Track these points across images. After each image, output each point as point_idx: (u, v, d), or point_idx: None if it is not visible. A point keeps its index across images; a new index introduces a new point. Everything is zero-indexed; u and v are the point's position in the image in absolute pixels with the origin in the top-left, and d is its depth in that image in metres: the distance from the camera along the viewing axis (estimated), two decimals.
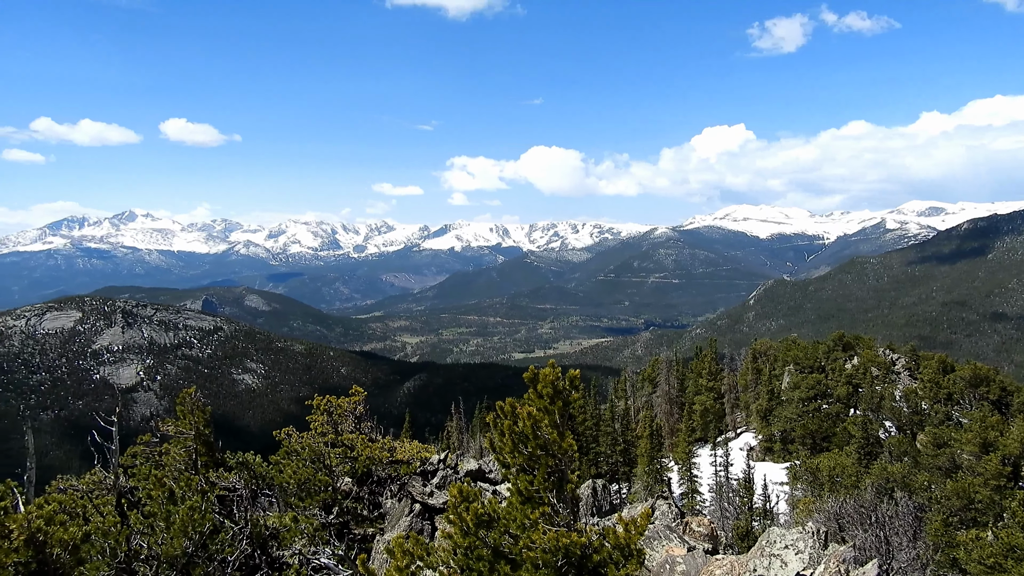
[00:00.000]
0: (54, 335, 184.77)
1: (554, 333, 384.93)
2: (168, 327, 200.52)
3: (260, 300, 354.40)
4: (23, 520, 6.55)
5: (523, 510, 7.24)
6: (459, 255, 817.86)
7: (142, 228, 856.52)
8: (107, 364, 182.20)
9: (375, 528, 13.36)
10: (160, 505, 9.90)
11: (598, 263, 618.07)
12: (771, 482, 35.13)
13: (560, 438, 7.01)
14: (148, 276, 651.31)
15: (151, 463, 13.27)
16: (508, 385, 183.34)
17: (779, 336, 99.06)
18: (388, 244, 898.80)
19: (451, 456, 14.33)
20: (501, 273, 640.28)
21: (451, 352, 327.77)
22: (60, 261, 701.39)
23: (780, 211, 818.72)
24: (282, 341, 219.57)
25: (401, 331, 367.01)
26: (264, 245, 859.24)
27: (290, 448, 13.86)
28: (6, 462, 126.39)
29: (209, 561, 10.21)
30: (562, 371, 7.33)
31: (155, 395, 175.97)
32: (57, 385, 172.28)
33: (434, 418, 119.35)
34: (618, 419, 52.57)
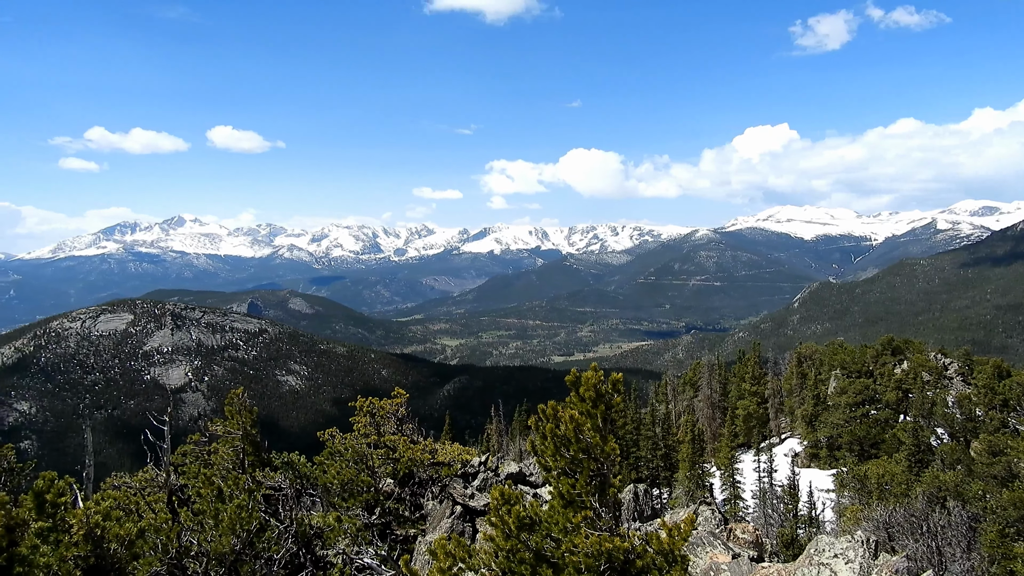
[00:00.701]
0: (107, 337, 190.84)
1: (593, 336, 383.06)
2: (215, 329, 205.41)
3: (303, 303, 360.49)
4: (82, 515, 6.79)
5: (565, 514, 7.22)
6: (498, 258, 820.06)
7: (190, 233, 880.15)
8: (157, 365, 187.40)
9: (416, 529, 13.47)
10: (209, 503, 10.13)
11: (638, 266, 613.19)
12: (817, 489, 34.37)
13: (603, 442, 6.97)
14: (196, 280, 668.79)
15: (200, 462, 13.60)
16: (547, 388, 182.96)
17: (824, 340, 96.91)
18: (428, 248, 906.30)
19: (492, 459, 14.36)
20: (540, 276, 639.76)
21: (490, 355, 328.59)
22: (113, 265, 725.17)
23: (825, 212, 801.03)
24: (324, 343, 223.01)
25: (441, 334, 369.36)
26: (307, 249, 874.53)
27: (334, 449, 14.06)
28: (63, 459, 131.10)
29: (256, 559, 10.41)
30: (604, 374, 7.29)
31: (203, 395, 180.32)
32: (110, 385, 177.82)
33: (474, 420, 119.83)
34: (659, 423, 52.02)
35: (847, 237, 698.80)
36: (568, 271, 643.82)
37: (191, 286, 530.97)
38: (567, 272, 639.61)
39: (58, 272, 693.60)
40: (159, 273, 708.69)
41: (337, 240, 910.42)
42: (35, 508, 6.59)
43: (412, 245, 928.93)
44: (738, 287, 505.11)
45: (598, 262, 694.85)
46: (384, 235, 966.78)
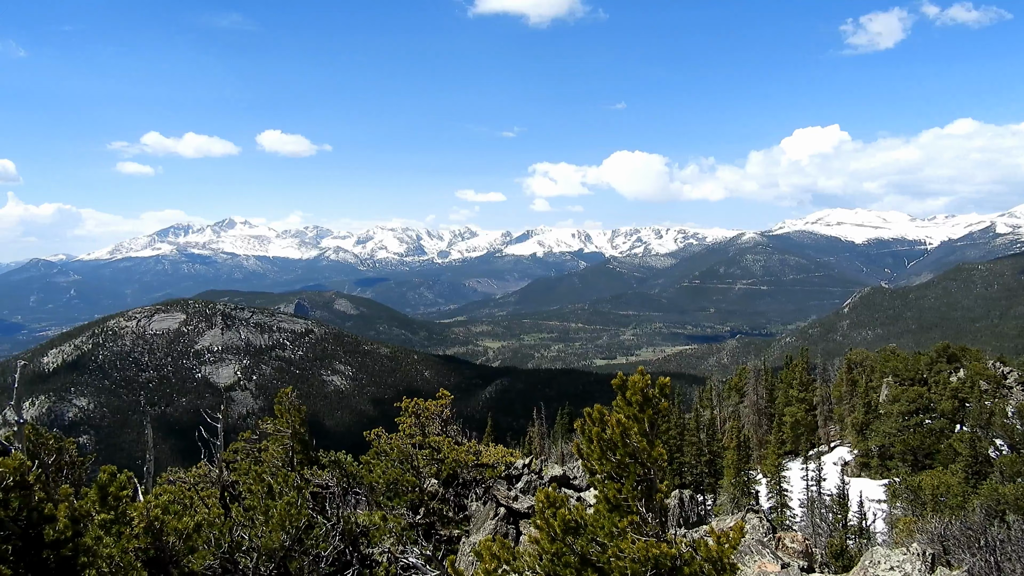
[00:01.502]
0: (161, 335, 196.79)
1: (636, 340, 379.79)
2: (263, 329, 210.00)
3: (348, 304, 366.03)
4: (143, 509, 7.03)
5: (611, 518, 7.18)
6: (541, 261, 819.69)
7: (240, 235, 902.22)
8: (208, 364, 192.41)
9: (460, 530, 13.55)
10: (259, 499, 10.37)
11: (682, 269, 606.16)
12: (867, 499, 33.42)
13: (650, 447, 6.91)
14: (245, 280, 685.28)
15: (251, 459, 13.93)
16: (590, 391, 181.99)
17: (876, 346, 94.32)
18: (471, 250, 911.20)
19: (535, 461, 14.37)
20: (583, 279, 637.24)
21: (532, 357, 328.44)
22: (167, 266, 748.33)
23: (877, 215, 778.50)
24: (369, 344, 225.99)
25: (483, 336, 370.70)
26: (353, 251, 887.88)
27: (379, 448, 14.24)
28: (119, 453, 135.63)
29: (304, 555, 10.61)
30: (652, 378, 7.24)
31: (251, 394, 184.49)
32: (163, 383, 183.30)
33: (516, 423, 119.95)
34: (703, 429, 51.31)
35: (900, 241, 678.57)
36: (611, 274, 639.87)
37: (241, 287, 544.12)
38: (610, 275, 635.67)
39: (115, 273, 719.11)
40: (210, 274, 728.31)
41: (382, 242, 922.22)
42: (98, 501, 6.86)
43: (455, 247, 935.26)
44: (785, 291, 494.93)
45: (641, 265, 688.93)
46: (428, 237, 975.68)
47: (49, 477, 9.58)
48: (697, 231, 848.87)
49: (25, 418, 8.42)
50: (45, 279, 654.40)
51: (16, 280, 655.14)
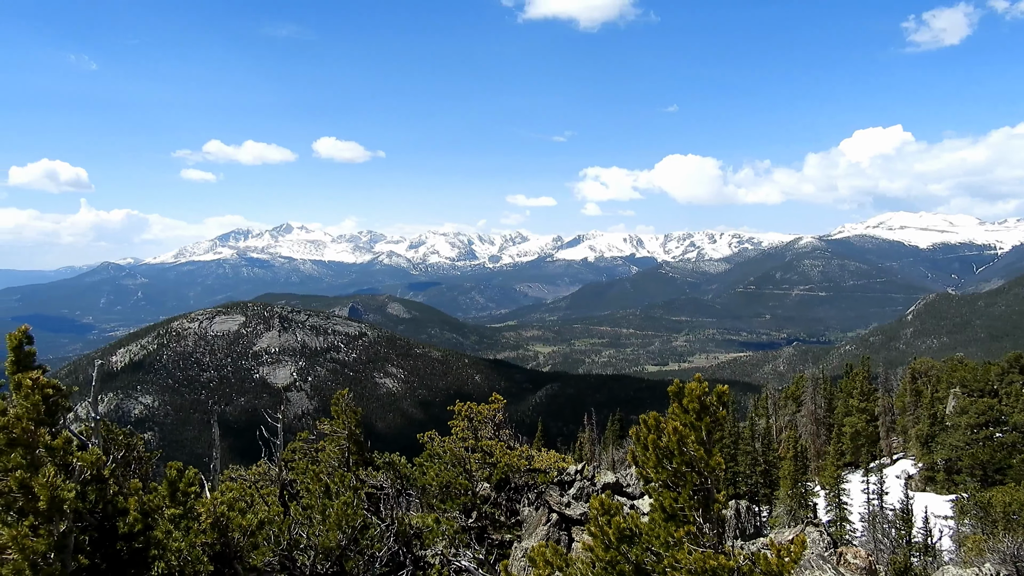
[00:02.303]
0: (221, 337, 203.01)
1: (689, 346, 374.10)
2: (319, 332, 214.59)
3: (401, 308, 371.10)
4: (210, 505, 7.28)
5: (667, 527, 7.09)
6: (592, 265, 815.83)
7: (297, 239, 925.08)
8: (265, 365, 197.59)
9: (512, 535, 13.57)
10: (317, 499, 10.59)
11: (737, 274, 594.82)
12: (933, 515, 32.10)
13: (707, 455, 6.81)
14: (302, 284, 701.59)
15: (308, 459, 14.23)
16: (641, 398, 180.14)
17: (941, 355, 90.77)
18: (522, 254, 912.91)
19: (587, 467, 14.30)
20: (634, 284, 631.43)
21: (583, 363, 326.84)
22: (228, 270, 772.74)
23: (943, 218, 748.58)
24: (420, 348, 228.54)
25: (534, 340, 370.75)
26: (405, 255, 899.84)
27: (432, 451, 14.38)
28: (181, 450, 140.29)
29: (360, 555, 10.80)
30: (709, 386, 7.13)
31: (306, 395, 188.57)
32: (223, 382, 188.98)
33: (566, 428, 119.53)
34: (759, 438, 50.15)
35: (968, 245, 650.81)
36: (663, 279, 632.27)
37: (297, 290, 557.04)
38: (662, 280, 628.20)
39: (180, 276, 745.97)
40: (269, 277, 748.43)
41: (434, 247, 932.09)
42: (168, 496, 7.13)
43: (506, 252, 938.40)
44: (845, 297, 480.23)
45: (695, 270, 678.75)
46: (479, 242, 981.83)
47: (119, 472, 10.00)
48: (752, 235, 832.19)
49: (100, 414, 8.81)
50: (115, 282, 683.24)
51: (88, 283, 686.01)
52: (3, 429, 5.68)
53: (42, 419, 5.94)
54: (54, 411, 6.18)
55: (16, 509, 5.66)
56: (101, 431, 8.30)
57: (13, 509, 5.66)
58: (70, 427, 6.71)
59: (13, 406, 6.01)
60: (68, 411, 6.60)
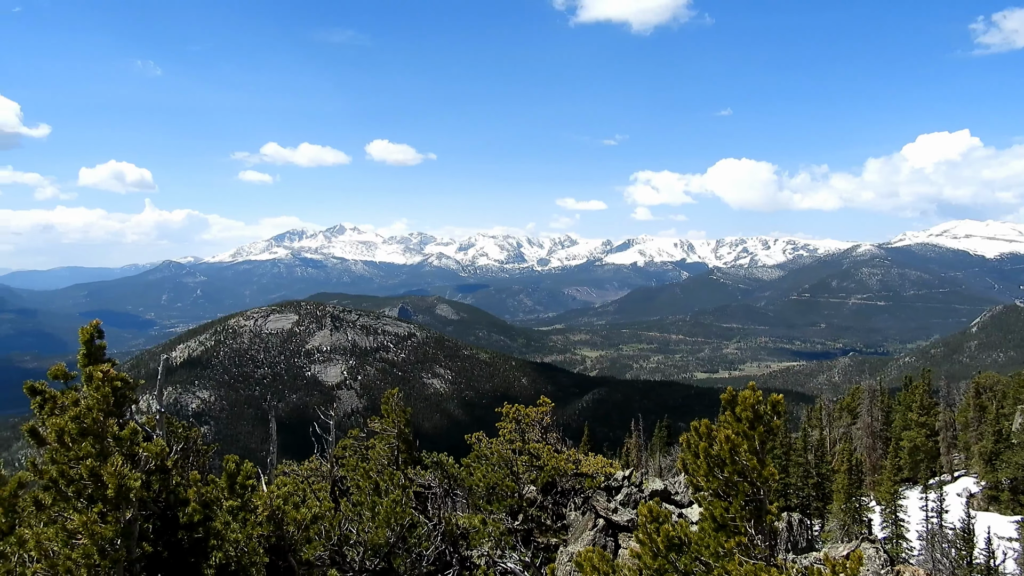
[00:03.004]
0: (275, 335, 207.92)
1: (740, 354, 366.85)
2: (369, 332, 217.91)
3: (449, 309, 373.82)
4: (266, 498, 7.49)
5: (717, 537, 7.00)
6: (641, 270, 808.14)
7: (349, 240, 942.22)
8: (317, 363, 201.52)
9: (558, 539, 13.54)
10: (367, 496, 10.77)
11: (791, 281, 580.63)
12: (996, 536, 30.74)
13: (760, 465, 6.70)
14: (353, 284, 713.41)
15: (358, 456, 14.48)
16: (689, 405, 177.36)
17: (1008, 370, 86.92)
18: (571, 258, 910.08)
19: (635, 474, 14.17)
20: (685, 289, 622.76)
21: (630, 368, 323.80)
22: (282, 269, 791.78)
23: (1012, 227, 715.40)
24: (468, 349, 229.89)
25: (581, 344, 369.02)
26: (455, 257, 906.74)
27: (480, 452, 14.46)
28: (235, 444, 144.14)
29: (407, 553, 10.93)
30: (763, 394, 7.01)
31: (355, 393, 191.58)
32: (276, 379, 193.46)
33: (612, 433, 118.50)
34: (811, 449, 48.82)
35: None
36: (714, 285, 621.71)
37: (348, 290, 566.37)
38: (713, 286, 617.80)
39: (237, 275, 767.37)
40: (321, 277, 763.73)
41: (483, 249, 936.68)
42: (227, 488, 7.37)
43: (555, 255, 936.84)
44: (905, 307, 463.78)
45: (747, 277, 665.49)
46: (528, 245, 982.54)
47: (181, 463, 10.35)
48: (808, 242, 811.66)
49: (165, 407, 9.16)
50: (175, 279, 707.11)
51: (151, 280, 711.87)
52: (75, 419, 5.95)
53: (111, 410, 6.21)
54: (122, 403, 6.45)
55: (86, 496, 5.93)
56: (165, 423, 8.63)
57: (83, 496, 5.93)
58: (136, 418, 6.99)
59: (84, 397, 6.29)
60: (134, 403, 6.88)
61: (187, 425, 14.63)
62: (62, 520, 5.93)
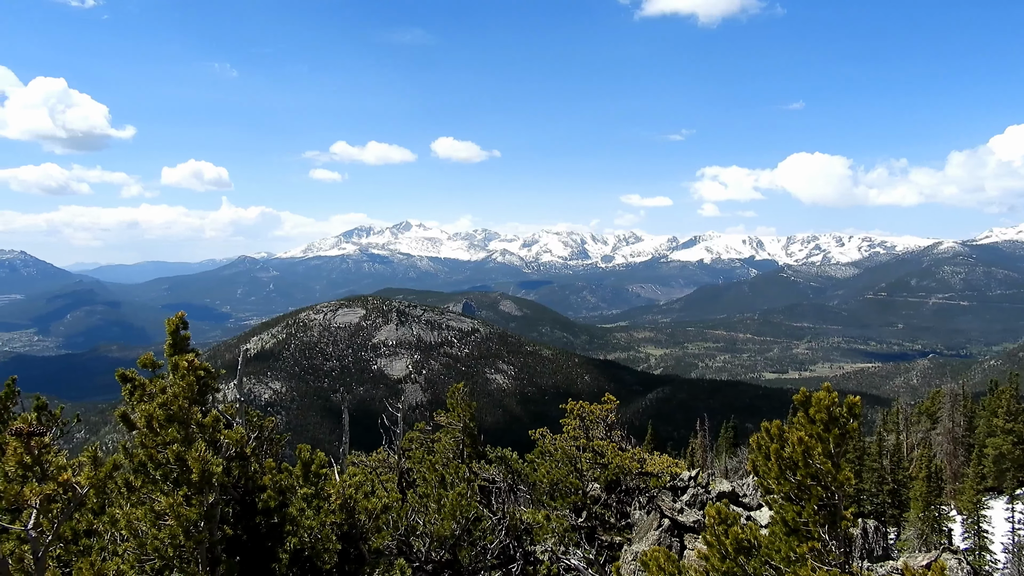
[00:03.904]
0: (343, 328, 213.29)
1: (811, 354, 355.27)
2: (433, 327, 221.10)
3: (513, 305, 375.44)
4: (339, 487, 7.73)
5: (788, 542, 6.83)
6: (708, 267, 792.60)
7: (415, 237, 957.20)
8: (383, 356, 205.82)
9: (622, 537, 13.46)
10: (433, 488, 10.96)
11: (866, 280, 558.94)
12: None
13: (835, 469, 6.50)
14: (418, 280, 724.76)
15: (425, 449, 14.74)
16: (756, 405, 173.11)
17: None
18: (635, 255, 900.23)
19: (702, 475, 13.96)
20: (753, 287, 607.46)
21: (696, 367, 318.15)
22: (351, 265, 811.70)
23: None
24: (531, 345, 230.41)
25: (645, 342, 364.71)
26: (518, 254, 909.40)
27: (544, 448, 14.50)
28: (304, 434, 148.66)
29: (472, 546, 11.07)
30: (839, 396, 6.80)
31: (420, 387, 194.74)
32: (344, 372, 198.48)
33: (676, 433, 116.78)
34: (887, 454, 46.94)
35: None
36: (784, 283, 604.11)
37: (414, 286, 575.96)
38: (783, 284, 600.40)
39: (307, 270, 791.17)
40: (388, 273, 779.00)
41: (547, 246, 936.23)
42: (302, 476, 7.64)
43: (619, 252, 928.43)
44: (991, 308, 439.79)
45: (819, 274, 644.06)
46: (592, 241, 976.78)
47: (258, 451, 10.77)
48: (885, 239, 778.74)
49: (244, 397, 9.55)
50: (250, 274, 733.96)
51: (226, 275, 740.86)
52: (163, 406, 6.28)
53: (195, 398, 6.52)
54: (204, 391, 6.77)
55: (172, 479, 6.24)
56: (244, 412, 9.00)
57: (170, 479, 6.25)
58: (217, 407, 7.31)
59: (171, 385, 6.63)
60: (216, 392, 7.20)
61: (261, 415, 15.18)
62: (150, 502, 6.26)
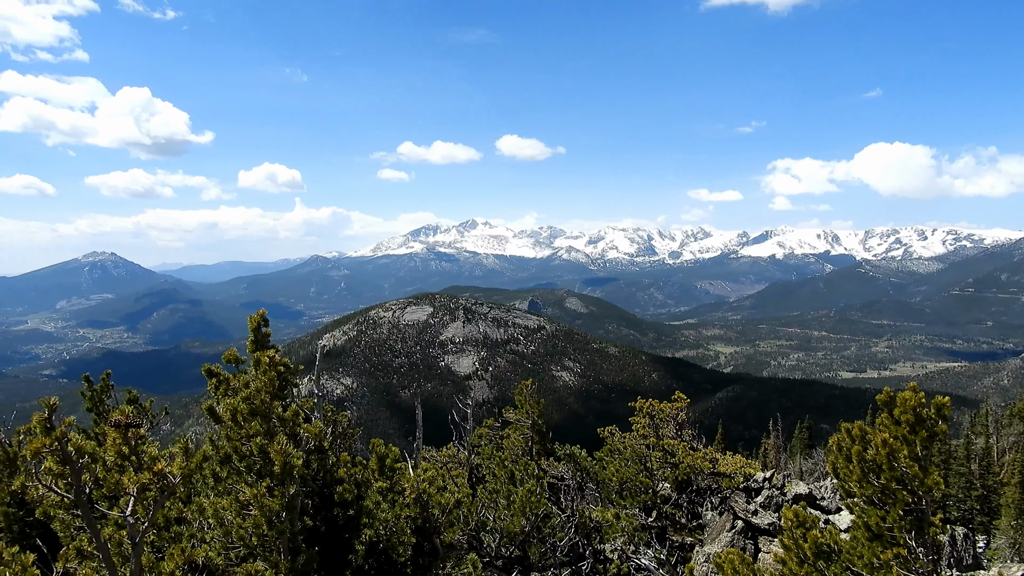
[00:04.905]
0: (411, 326, 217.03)
1: (891, 353, 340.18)
2: (499, 324, 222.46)
3: (578, 303, 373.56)
4: (413, 481, 7.90)
5: (871, 547, 6.58)
6: (780, 263, 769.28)
7: (481, 235, 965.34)
8: (450, 353, 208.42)
9: (693, 538, 13.24)
10: (502, 484, 11.04)
11: (952, 275, 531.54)
12: None
13: (923, 473, 6.22)
14: (484, 278, 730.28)
15: (494, 445, 14.85)
16: (832, 405, 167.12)
17: None
18: (704, 251, 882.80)
19: (777, 476, 13.59)
20: (828, 283, 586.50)
21: (768, 365, 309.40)
22: (418, 263, 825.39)
23: None
24: (597, 343, 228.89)
25: (714, 340, 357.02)
26: (584, 251, 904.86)
27: (613, 446, 14.40)
28: (375, 429, 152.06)
29: (541, 543, 11.11)
30: (927, 397, 6.50)
31: (487, 384, 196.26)
32: (412, 368, 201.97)
33: (747, 433, 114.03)
34: (975, 459, 44.59)
35: None
36: (862, 279, 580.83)
37: (480, 284, 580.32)
38: (861, 280, 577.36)
39: (376, 268, 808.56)
40: (454, 271, 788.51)
41: (612, 242, 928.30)
42: (377, 470, 7.84)
43: (687, 248, 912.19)
44: None
45: (900, 270, 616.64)
46: (659, 238, 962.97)
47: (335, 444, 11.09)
48: (972, 232, 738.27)
49: (320, 392, 9.85)
50: (322, 273, 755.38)
51: (300, 274, 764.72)
52: (247, 400, 6.54)
53: (276, 393, 6.77)
54: (284, 387, 7.01)
55: (255, 471, 6.50)
56: (320, 407, 9.29)
57: (253, 471, 6.51)
58: (296, 401, 7.57)
59: (253, 380, 6.90)
60: (295, 387, 7.45)
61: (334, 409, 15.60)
62: (235, 492, 6.53)
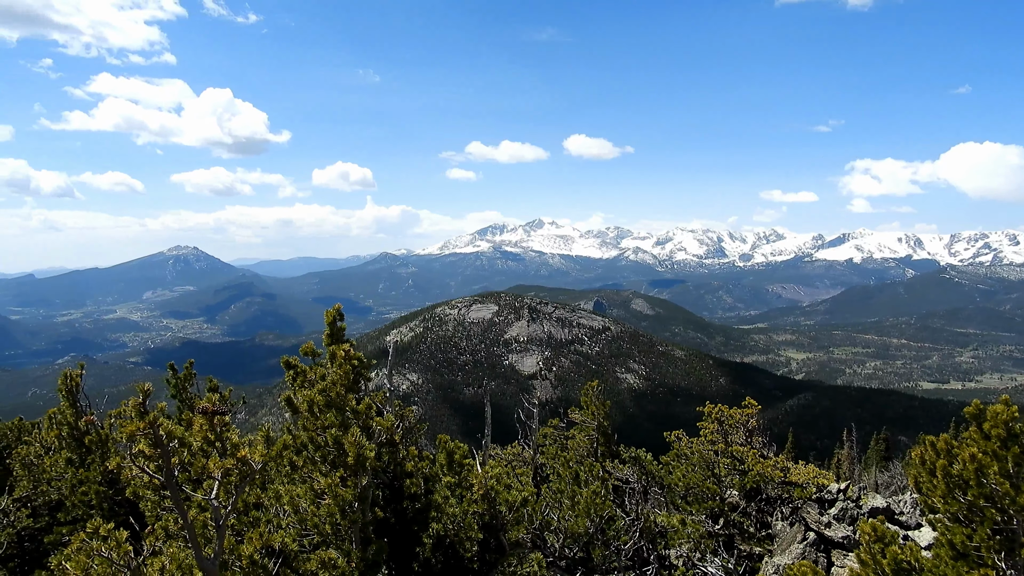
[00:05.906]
0: (476, 324, 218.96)
1: (977, 363, 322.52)
2: (564, 324, 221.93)
3: (645, 304, 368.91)
4: (481, 478, 8.01)
5: (956, 567, 6.29)
6: (858, 267, 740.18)
7: (547, 234, 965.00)
8: (514, 352, 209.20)
9: (762, 548, 12.92)
10: (567, 484, 11.03)
11: None
12: None
13: (1015, 491, 5.90)
14: (550, 277, 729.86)
15: (558, 445, 14.86)
16: (911, 417, 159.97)
17: None
18: (776, 253, 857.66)
19: (852, 488, 13.11)
20: (909, 289, 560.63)
21: (842, 373, 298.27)
22: (484, 262, 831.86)
23: None
24: (663, 345, 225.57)
25: (786, 345, 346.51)
26: (651, 252, 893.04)
27: (680, 451, 14.20)
28: (439, 425, 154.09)
29: (606, 546, 11.05)
30: (1020, 411, 6.16)
31: (550, 384, 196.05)
32: (476, 366, 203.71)
33: (819, 442, 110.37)
34: None
35: None
36: (946, 285, 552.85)
37: (545, 283, 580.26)
38: (945, 286, 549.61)
39: (443, 266, 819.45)
40: (520, 270, 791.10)
41: (680, 244, 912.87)
42: (446, 465, 7.97)
43: (759, 250, 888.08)
44: None
45: (989, 276, 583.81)
46: (729, 239, 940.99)
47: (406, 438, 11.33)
48: None
49: (392, 387, 10.08)
50: (390, 270, 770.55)
51: (370, 270, 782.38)
52: (323, 392, 6.77)
53: (350, 386, 6.97)
54: (358, 380, 7.22)
55: (329, 461, 6.71)
56: (391, 401, 9.52)
57: (327, 461, 6.72)
58: (369, 395, 7.77)
59: (329, 373, 7.12)
60: (368, 381, 7.65)
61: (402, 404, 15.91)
62: (310, 481, 6.76)
